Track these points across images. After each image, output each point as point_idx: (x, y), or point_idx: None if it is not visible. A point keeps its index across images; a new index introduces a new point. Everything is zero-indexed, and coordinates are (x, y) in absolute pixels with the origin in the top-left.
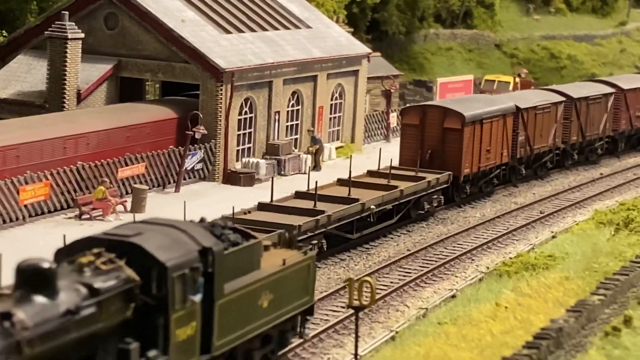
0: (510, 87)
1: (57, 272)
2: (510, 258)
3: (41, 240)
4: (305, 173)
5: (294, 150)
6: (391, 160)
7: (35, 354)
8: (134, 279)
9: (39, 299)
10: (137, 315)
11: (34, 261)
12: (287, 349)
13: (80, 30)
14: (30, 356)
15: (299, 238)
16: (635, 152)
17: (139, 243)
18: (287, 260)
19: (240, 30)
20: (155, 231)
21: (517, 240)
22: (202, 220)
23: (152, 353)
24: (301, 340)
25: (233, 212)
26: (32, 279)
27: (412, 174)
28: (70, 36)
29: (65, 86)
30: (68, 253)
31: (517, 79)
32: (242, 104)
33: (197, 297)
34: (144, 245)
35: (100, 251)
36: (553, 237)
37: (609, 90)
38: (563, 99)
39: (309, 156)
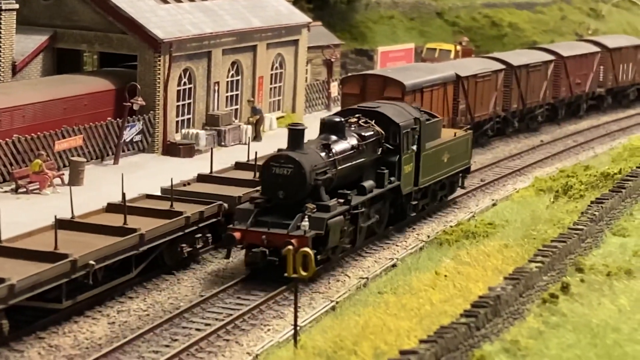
0: (452, 56)
1: (344, 124)
2: (451, 227)
3: None
4: (245, 144)
5: (234, 121)
6: None
7: (339, 170)
8: (381, 132)
9: (336, 139)
10: (383, 155)
11: (332, 117)
12: (453, 195)
13: (14, 1)
14: (337, 171)
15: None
16: (575, 119)
17: (382, 111)
18: (457, 133)
19: (178, 0)
20: (389, 105)
21: (458, 208)
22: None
23: (392, 178)
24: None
25: (172, 184)
26: (332, 127)
27: None
28: (3, 7)
29: (0, 58)
30: (343, 116)
31: (459, 47)
32: (180, 74)
33: (414, 147)
34: (386, 112)
35: (359, 116)
36: (493, 205)
37: (549, 57)
38: (503, 66)
39: (250, 127)
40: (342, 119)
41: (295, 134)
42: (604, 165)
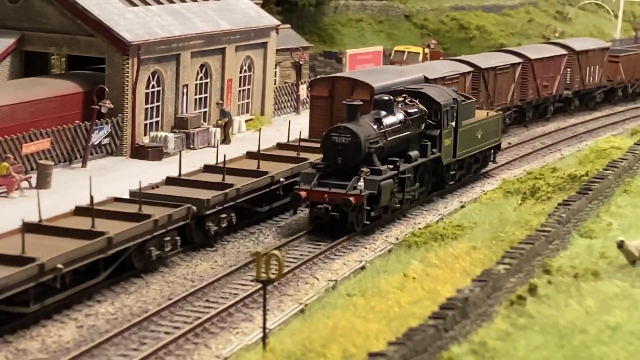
0: (420, 58)
1: (393, 102)
2: (420, 229)
3: None
4: (214, 146)
5: (202, 124)
6: (300, 132)
7: (388, 141)
8: (424, 110)
9: (386, 114)
10: (426, 130)
11: (382, 95)
12: (485, 169)
13: None
14: (387, 141)
15: (207, 212)
16: (542, 122)
17: (425, 92)
18: (489, 114)
19: (146, 3)
20: (431, 87)
21: (426, 210)
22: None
23: (434, 150)
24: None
25: (140, 187)
26: (382, 104)
27: None
28: None
29: None
30: (392, 95)
31: (427, 50)
32: (149, 77)
33: (452, 123)
34: (428, 92)
35: (405, 95)
36: (462, 207)
37: (517, 60)
38: (471, 69)
39: (218, 129)
40: (391, 97)
41: (352, 109)
42: (571, 167)
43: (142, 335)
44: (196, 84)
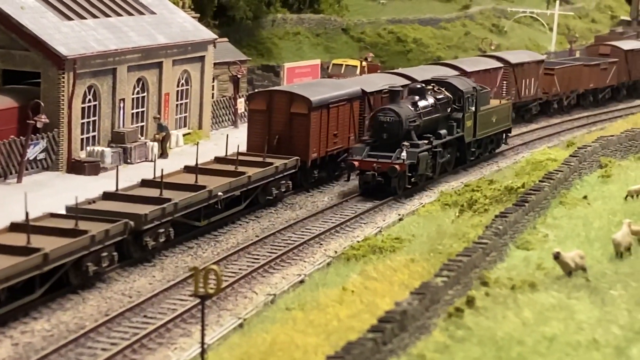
0: (358, 71)
1: (425, 89)
2: (358, 242)
3: None
4: (152, 161)
5: (140, 138)
6: (238, 146)
7: (423, 121)
8: (449, 97)
9: (420, 99)
10: (451, 113)
11: (415, 84)
12: (499, 150)
13: None
14: (422, 121)
15: (145, 227)
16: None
17: (450, 81)
18: (501, 101)
19: (82, 17)
20: (455, 78)
21: (365, 223)
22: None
23: (458, 130)
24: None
25: (77, 202)
26: (416, 91)
27: (260, 159)
28: None
29: None
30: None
31: (364, 63)
32: (85, 91)
33: (472, 108)
34: (453, 82)
35: (434, 85)
36: (400, 219)
37: (453, 73)
38: (408, 82)
39: (156, 143)
40: (423, 85)
41: (394, 93)
42: (508, 179)
43: (79, 352)
44: (133, 98)
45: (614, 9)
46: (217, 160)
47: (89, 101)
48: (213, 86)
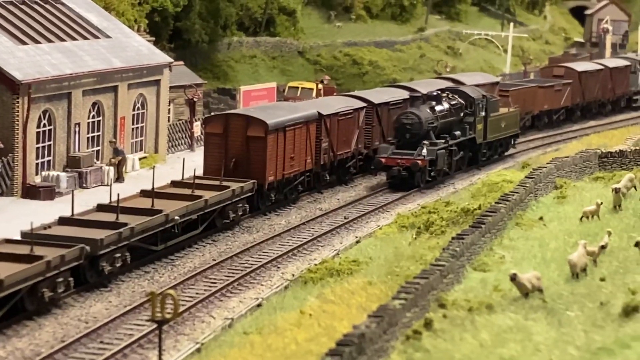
0: (314, 94)
1: (441, 95)
2: (316, 264)
3: None
4: (108, 185)
5: (95, 162)
6: (195, 170)
7: (440, 123)
8: (462, 103)
9: (437, 104)
10: (464, 117)
11: (432, 91)
12: (508, 152)
13: None
14: (439, 123)
15: (101, 252)
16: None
17: (463, 89)
18: (510, 109)
19: (36, 41)
20: (467, 86)
21: (322, 246)
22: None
23: (470, 132)
24: None
25: (32, 227)
26: (433, 97)
27: (217, 183)
28: None
29: None
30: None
31: (320, 86)
32: (40, 116)
33: (482, 113)
34: (465, 90)
35: (448, 92)
36: (357, 242)
37: (409, 95)
38: (364, 104)
39: (112, 168)
40: (439, 93)
41: (415, 98)
42: (464, 201)
43: None
44: (88, 122)
45: (568, 31)
46: (174, 184)
47: (44, 126)
48: (169, 110)
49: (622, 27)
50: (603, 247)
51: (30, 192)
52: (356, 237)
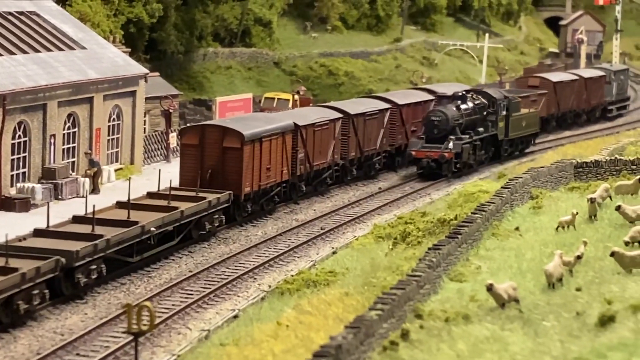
0: (290, 105)
1: (466, 95)
2: (292, 275)
3: None
4: (83, 197)
5: (71, 174)
6: (171, 181)
7: (465, 120)
8: (485, 102)
9: (462, 103)
10: (487, 116)
11: (457, 92)
12: (528, 149)
13: None
14: (464, 120)
15: (77, 264)
16: (412, 166)
17: (486, 90)
18: (530, 110)
19: (11, 52)
20: (490, 87)
21: (298, 257)
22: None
23: (493, 129)
24: None
25: (6, 240)
26: (458, 97)
27: (193, 194)
28: None
29: None
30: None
31: (296, 97)
32: (15, 127)
33: (504, 112)
34: (488, 91)
35: (472, 93)
36: (334, 252)
37: (385, 105)
38: (340, 115)
39: (87, 179)
40: (464, 93)
41: (442, 98)
42: (441, 211)
43: None
44: (64, 134)
45: (543, 41)
46: (150, 195)
47: (19, 137)
48: (145, 121)
49: (596, 37)
50: (579, 257)
51: (5, 204)
52: (333, 247)
